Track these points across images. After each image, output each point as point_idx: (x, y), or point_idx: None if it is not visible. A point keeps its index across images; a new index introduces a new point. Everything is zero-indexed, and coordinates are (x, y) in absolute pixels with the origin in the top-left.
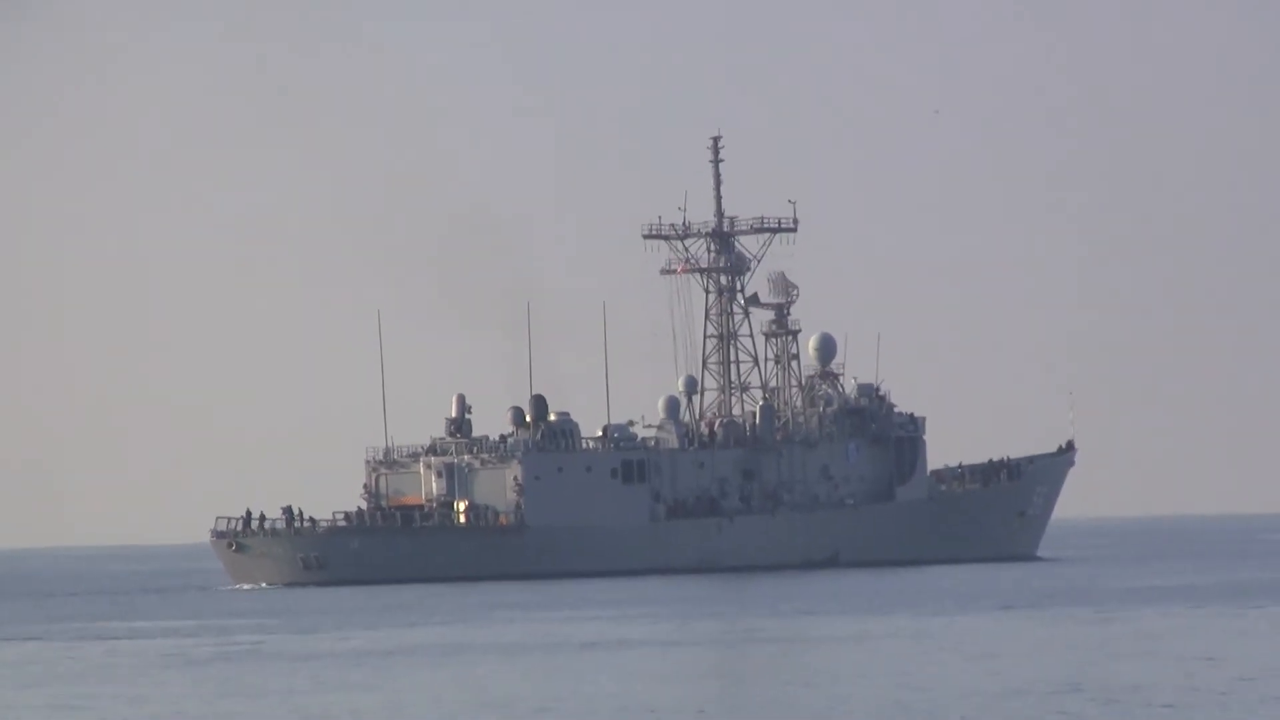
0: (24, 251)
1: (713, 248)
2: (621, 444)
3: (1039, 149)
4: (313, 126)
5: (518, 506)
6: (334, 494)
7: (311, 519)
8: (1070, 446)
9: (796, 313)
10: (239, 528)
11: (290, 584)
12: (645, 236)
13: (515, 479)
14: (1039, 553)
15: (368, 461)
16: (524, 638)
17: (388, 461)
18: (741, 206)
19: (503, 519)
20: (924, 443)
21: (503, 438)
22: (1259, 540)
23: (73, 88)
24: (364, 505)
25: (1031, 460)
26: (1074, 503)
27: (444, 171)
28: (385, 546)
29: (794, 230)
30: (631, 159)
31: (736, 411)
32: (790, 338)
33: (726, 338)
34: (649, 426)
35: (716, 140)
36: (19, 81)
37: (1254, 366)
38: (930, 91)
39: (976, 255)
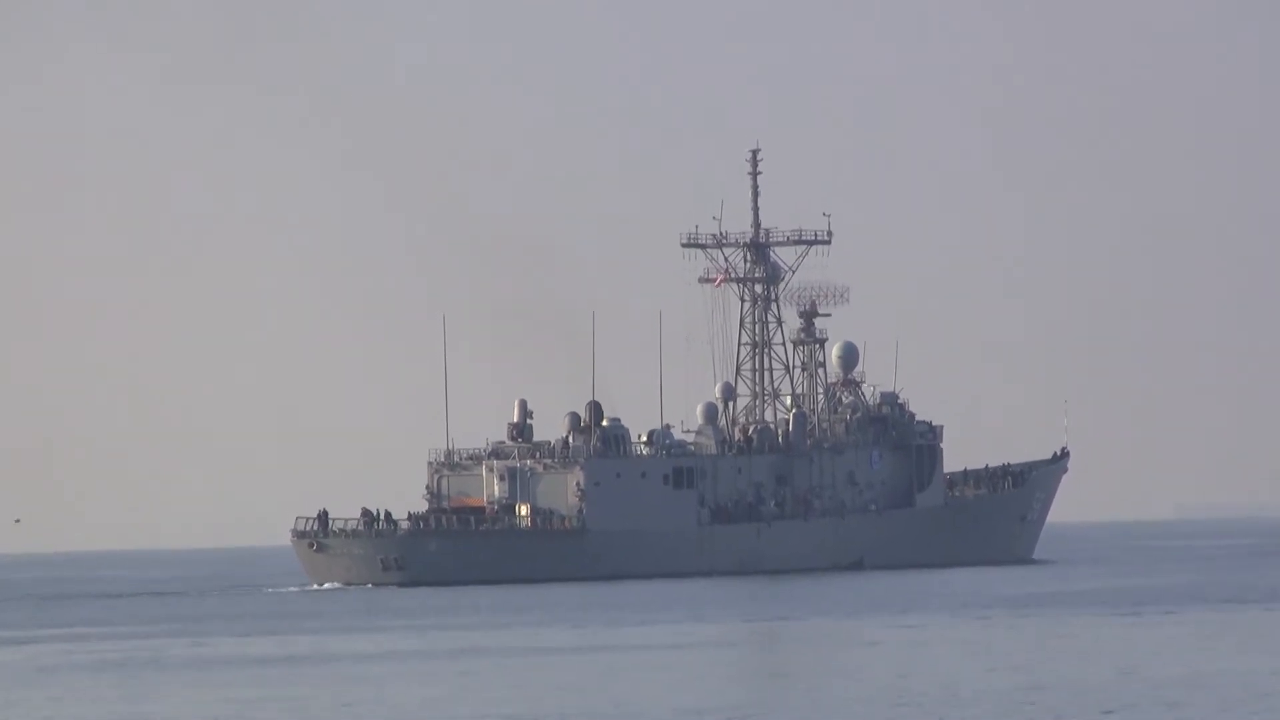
0: (99, 255)
1: (749, 257)
2: (672, 450)
3: (1055, 164)
4: (376, 134)
5: (579, 511)
6: (396, 495)
7: (391, 520)
8: (1065, 453)
9: (822, 322)
10: (315, 528)
11: (369, 584)
12: (684, 245)
13: (578, 484)
14: (1035, 555)
15: (430, 463)
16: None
17: (450, 464)
18: (768, 215)
19: (566, 523)
20: (941, 450)
21: (564, 443)
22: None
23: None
24: (426, 506)
25: (1033, 466)
26: (1063, 508)
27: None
28: (460, 549)
29: (829, 243)
30: (667, 168)
31: (768, 418)
32: (817, 346)
33: (760, 346)
34: (687, 432)
35: (755, 153)
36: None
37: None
38: (959, 109)
39: (985, 267)
